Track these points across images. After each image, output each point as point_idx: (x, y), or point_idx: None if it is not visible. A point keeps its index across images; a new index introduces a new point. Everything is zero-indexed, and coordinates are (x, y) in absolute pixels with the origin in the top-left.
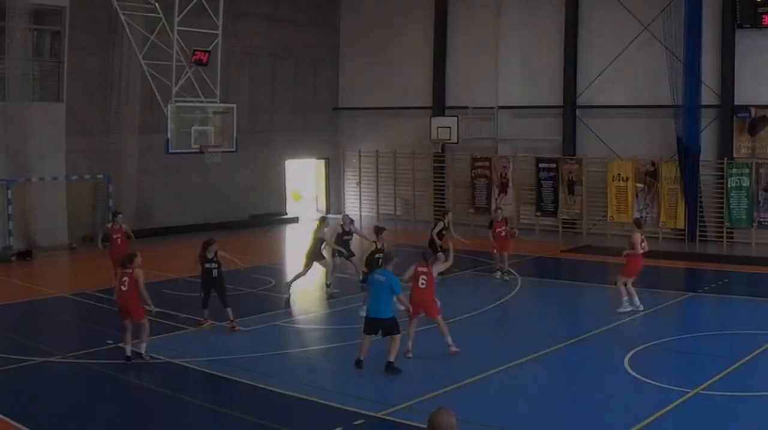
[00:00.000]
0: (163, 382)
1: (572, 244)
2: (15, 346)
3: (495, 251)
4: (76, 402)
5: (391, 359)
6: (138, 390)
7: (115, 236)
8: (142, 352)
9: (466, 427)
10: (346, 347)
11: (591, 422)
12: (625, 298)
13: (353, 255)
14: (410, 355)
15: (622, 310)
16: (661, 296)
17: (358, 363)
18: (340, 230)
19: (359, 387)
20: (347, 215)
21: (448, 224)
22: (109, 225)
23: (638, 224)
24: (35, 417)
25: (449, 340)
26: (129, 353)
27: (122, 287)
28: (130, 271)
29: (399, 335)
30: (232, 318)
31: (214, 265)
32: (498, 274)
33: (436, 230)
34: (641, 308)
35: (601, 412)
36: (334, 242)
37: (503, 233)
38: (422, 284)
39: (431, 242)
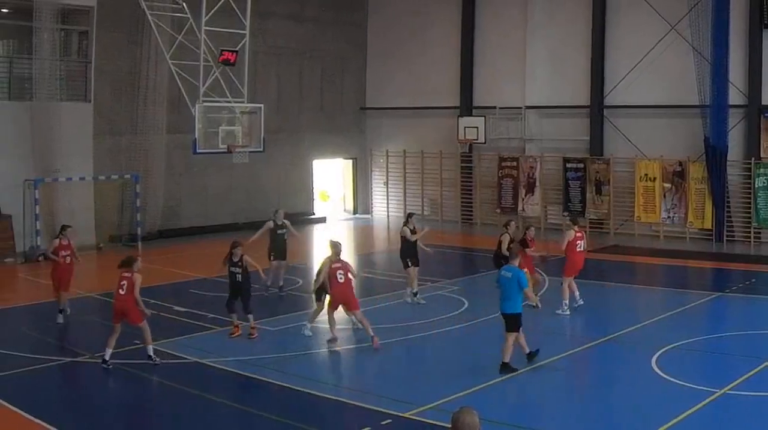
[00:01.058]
0: (190, 382)
1: (599, 244)
2: (42, 346)
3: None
4: (104, 402)
5: (506, 359)
6: (165, 390)
7: (63, 254)
8: (151, 354)
9: (492, 427)
10: (373, 347)
11: (618, 423)
12: (566, 301)
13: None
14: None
15: (560, 312)
16: (689, 296)
17: (504, 366)
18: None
19: (386, 387)
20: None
21: (514, 235)
22: (57, 241)
23: (573, 221)
24: (63, 417)
25: (371, 332)
26: (107, 357)
27: (120, 290)
28: (130, 274)
29: (514, 334)
30: (253, 325)
31: (238, 269)
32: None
33: (505, 245)
34: (581, 302)
35: (628, 412)
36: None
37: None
38: (340, 278)
39: (498, 256)
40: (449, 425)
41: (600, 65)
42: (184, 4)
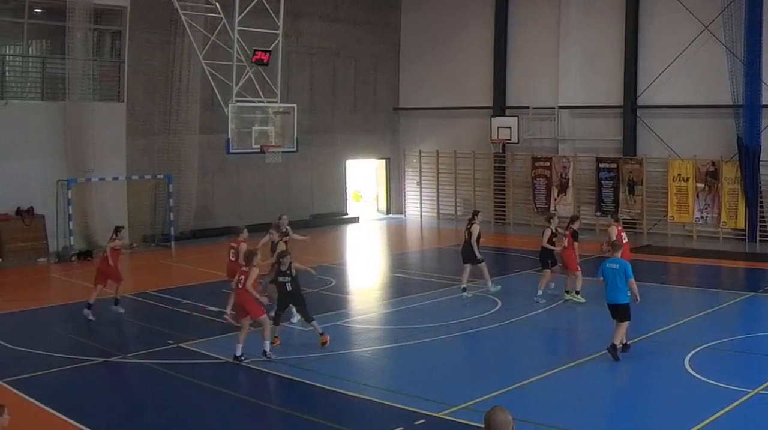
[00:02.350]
0: (223, 382)
1: (633, 244)
2: (76, 346)
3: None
4: (137, 402)
5: (616, 342)
6: (199, 390)
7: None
8: (266, 350)
9: (525, 427)
10: (407, 347)
11: (650, 423)
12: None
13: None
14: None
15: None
16: (722, 296)
17: (613, 348)
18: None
19: (420, 387)
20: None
21: (556, 229)
22: (118, 242)
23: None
24: (96, 417)
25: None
26: (238, 353)
27: (239, 284)
28: (248, 269)
29: (627, 323)
30: (321, 331)
31: (287, 278)
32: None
33: (546, 237)
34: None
35: (661, 412)
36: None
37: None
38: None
39: (544, 250)
40: (482, 425)
41: (633, 65)
42: (217, 4)
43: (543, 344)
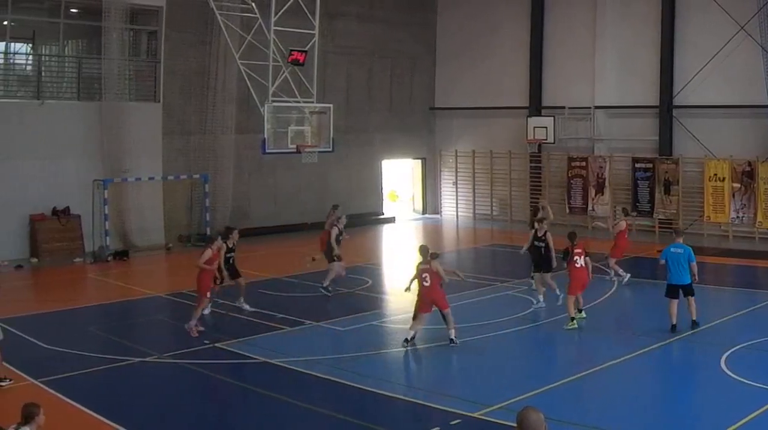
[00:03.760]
0: (259, 381)
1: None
2: (111, 346)
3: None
4: (173, 402)
5: (694, 317)
6: (234, 390)
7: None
8: (453, 337)
9: (561, 427)
10: (442, 347)
11: (686, 422)
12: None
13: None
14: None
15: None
16: (758, 296)
17: (674, 328)
18: None
19: (455, 387)
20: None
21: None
22: (223, 244)
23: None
24: (132, 417)
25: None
26: (409, 337)
27: (424, 283)
28: (428, 266)
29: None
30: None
31: (427, 282)
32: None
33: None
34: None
35: (697, 412)
36: None
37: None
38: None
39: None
40: (515, 425)
41: (669, 65)
42: (253, 4)
43: (579, 344)
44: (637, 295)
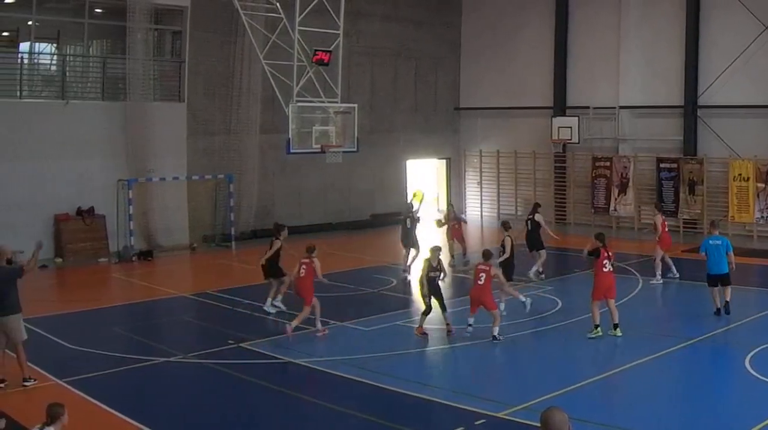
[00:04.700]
0: (283, 382)
1: (693, 244)
2: (136, 346)
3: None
4: (197, 402)
5: (728, 298)
6: (259, 390)
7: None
8: (495, 334)
9: (585, 427)
10: (467, 347)
11: (710, 422)
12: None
13: None
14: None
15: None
16: None
17: (718, 311)
18: None
19: (480, 387)
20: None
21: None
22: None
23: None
24: (156, 417)
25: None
26: (496, 333)
27: (479, 281)
28: (487, 267)
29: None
30: (448, 322)
31: (437, 273)
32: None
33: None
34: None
35: (721, 412)
36: None
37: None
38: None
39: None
40: (539, 425)
41: (694, 65)
42: (278, 4)
43: (603, 344)
44: (661, 295)
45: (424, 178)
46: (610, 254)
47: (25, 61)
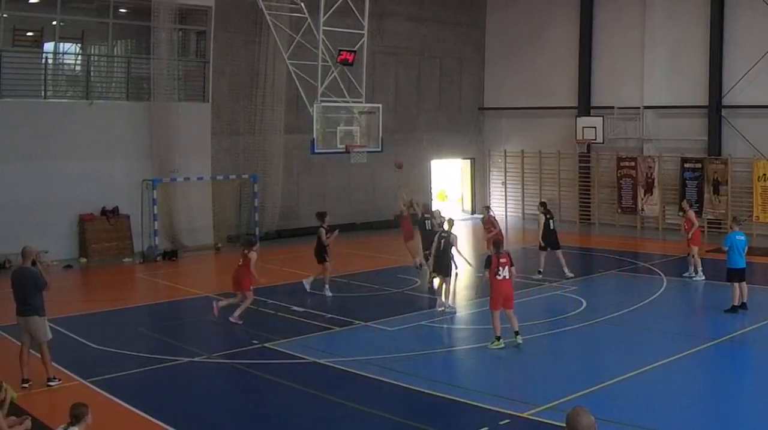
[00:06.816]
0: (308, 382)
1: (717, 243)
2: (160, 346)
3: None
4: (221, 402)
5: (745, 299)
6: (282, 390)
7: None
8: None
9: (610, 427)
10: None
11: (735, 422)
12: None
13: None
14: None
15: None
16: None
17: (734, 308)
18: None
19: (504, 387)
20: None
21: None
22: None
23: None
24: (180, 417)
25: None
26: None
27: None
28: (506, 260)
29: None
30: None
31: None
32: None
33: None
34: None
35: (746, 412)
36: None
37: None
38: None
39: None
40: (564, 425)
41: (718, 65)
42: (302, 4)
43: (628, 344)
44: (686, 295)
45: (449, 179)
46: (503, 260)
47: (50, 61)
